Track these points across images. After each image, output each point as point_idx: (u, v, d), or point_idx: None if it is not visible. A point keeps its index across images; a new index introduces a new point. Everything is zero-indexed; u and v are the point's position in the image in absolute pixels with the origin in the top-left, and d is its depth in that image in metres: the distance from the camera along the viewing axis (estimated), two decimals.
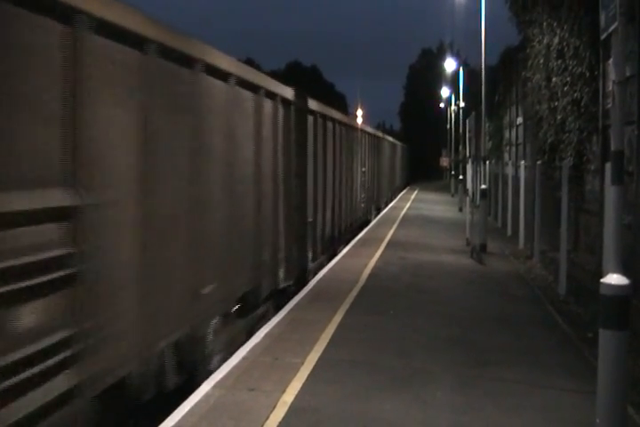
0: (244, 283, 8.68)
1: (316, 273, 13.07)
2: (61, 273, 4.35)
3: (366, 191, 23.68)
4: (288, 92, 11.18)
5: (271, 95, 9.95)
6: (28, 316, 4.06)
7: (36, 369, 4.12)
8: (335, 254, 15.77)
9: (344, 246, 17.20)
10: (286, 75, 66.05)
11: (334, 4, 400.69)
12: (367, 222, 23.71)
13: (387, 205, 32.56)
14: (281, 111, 10.63)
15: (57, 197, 4.38)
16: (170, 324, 6.29)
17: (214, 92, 7.42)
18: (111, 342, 5.02)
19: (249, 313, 9.01)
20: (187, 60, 6.53)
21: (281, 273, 10.59)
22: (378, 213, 27.46)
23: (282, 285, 10.68)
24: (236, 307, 8.41)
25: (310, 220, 13.01)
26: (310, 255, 13.13)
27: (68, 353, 4.45)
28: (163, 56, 5.90)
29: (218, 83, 7.54)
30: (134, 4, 5.36)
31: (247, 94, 8.77)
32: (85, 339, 4.61)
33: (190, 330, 6.75)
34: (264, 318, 9.49)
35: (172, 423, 5.67)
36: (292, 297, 10.69)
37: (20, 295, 3.99)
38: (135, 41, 5.40)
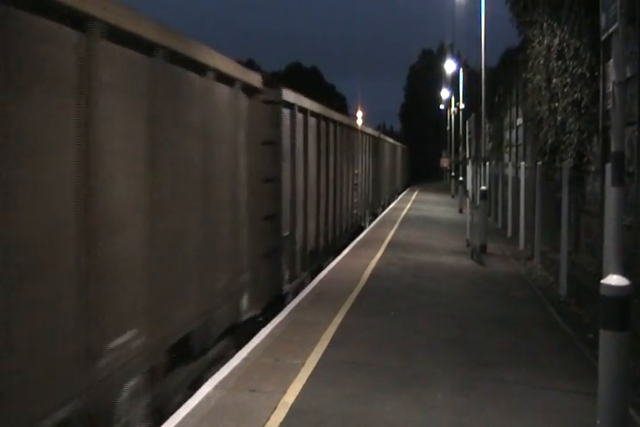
0: (184, 322, 6.58)
1: (296, 294, 11.05)
2: None
3: (359, 196, 21.61)
4: (253, 78, 9.08)
5: (227, 80, 7.89)
6: None
7: None
8: (321, 269, 13.66)
9: (332, 259, 15.10)
10: (287, 76, 66.14)
11: (335, 6, 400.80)
12: (361, 229, 21.69)
13: (386, 207, 32.53)
14: (244, 101, 8.67)
15: None
16: (50, 398, 4.32)
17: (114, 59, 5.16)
18: None
19: (195, 359, 6.98)
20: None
21: (244, 302, 8.61)
22: (374, 218, 26.09)
23: (245, 316, 8.67)
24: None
25: (287, 233, 11.04)
26: (287, 275, 11.06)
27: None
28: None
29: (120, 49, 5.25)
30: (135, 3, 5.37)
31: (191, 76, 6.83)
32: None
33: (85, 404, 4.66)
34: (220, 362, 7.46)
35: (173, 425, 5.67)
36: (259, 329, 8.65)
37: None
38: None
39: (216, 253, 7.50)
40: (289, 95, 11.02)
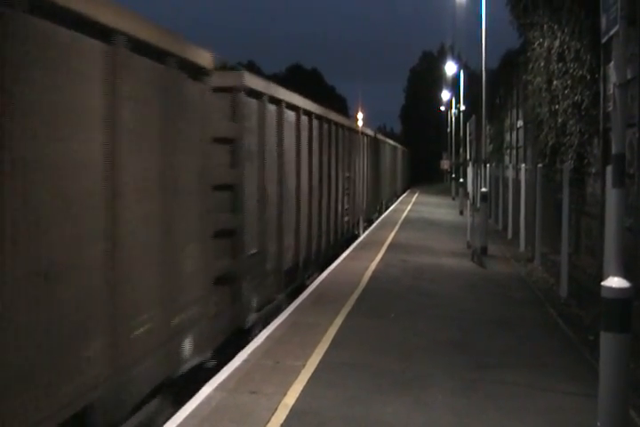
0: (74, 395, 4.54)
1: (268, 321, 9.34)
2: None
3: (352, 201, 19.48)
4: (199, 56, 6.73)
5: (141, 48, 5.45)
6: None
7: None
8: (303, 286, 12.11)
9: (318, 274, 13.41)
10: (287, 78, 66.17)
11: (335, 7, 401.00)
12: (354, 238, 19.82)
13: (386, 210, 32.52)
14: (180, 83, 6.32)
15: None
16: None
17: None
18: None
19: None
20: None
21: (185, 346, 6.46)
22: (370, 225, 24.14)
23: (185, 366, 6.45)
24: None
25: (254, 251, 9.06)
26: (254, 302, 9.06)
27: None
28: None
29: None
30: (137, 4, 5.37)
31: (90, 43, 4.78)
32: None
33: None
34: None
35: (174, 426, 5.67)
36: (208, 379, 6.87)
37: None
38: None
39: (136, 288, 5.45)
40: (254, 82, 9.02)
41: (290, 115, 11.18)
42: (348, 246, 17.71)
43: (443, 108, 64.40)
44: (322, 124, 14.17)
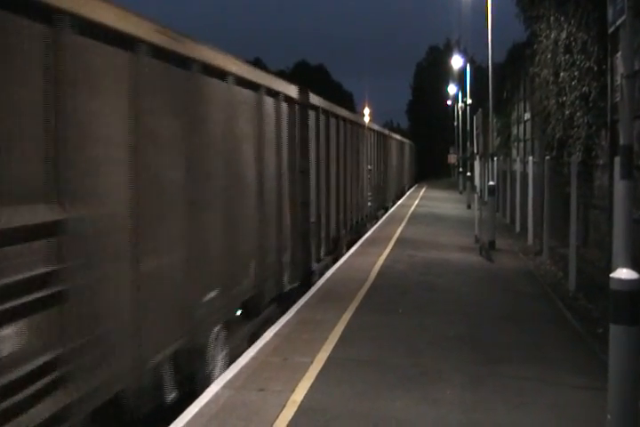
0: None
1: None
2: None
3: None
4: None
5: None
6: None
7: None
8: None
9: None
10: (294, 74, 66.06)
11: (341, 3, 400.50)
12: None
13: (394, 204, 32.48)
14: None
15: None
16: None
17: None
18: None
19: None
20: None
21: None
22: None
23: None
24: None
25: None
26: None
27: None
28: None
29: None
30: (143, 3, 5.36)
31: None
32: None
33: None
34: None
35: (182, 424, 5.65)
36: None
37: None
38: None
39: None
40: (315, 99, 12.40)
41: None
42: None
43: (449, 103, 64.21)
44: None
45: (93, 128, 4.75)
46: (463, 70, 44.92)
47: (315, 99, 12.30)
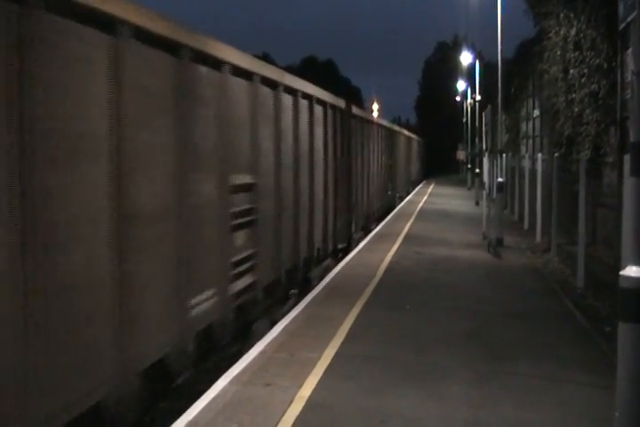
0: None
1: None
2: None
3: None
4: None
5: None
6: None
7: None
8: (369, 231, 19.34)
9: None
10: (302, 70, 66.01)
11: None
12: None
13: (403, 200, 32.44)
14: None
15: None
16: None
17: None
18: None
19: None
20: None
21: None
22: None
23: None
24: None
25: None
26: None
27: None
28: None
29: None
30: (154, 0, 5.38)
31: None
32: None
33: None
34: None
35: (189, 419, 5.67)
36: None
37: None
38: None
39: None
40: (357, 111, 16.81)
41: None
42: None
43: (458, 99, 64.04)
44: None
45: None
46: (472, 66, 44.84)
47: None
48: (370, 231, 19.41)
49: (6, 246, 4.09)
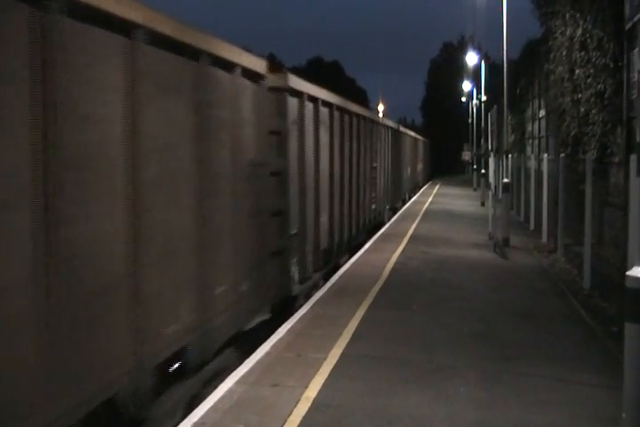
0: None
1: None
2: None
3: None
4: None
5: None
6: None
7: None
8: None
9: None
10: (307, 71, 66.04)
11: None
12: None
13: (407, 201, 32.40)
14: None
15: None
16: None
17: None
18: None
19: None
20: None
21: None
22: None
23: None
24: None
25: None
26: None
27: None
28: None
29: None
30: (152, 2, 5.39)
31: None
32: None
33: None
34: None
35: (196, 419, 5.68)
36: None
37: None
38: None
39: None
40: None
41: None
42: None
43: (464, 99, 64.00)
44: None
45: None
46: (478, 67, 44.79)
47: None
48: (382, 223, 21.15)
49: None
